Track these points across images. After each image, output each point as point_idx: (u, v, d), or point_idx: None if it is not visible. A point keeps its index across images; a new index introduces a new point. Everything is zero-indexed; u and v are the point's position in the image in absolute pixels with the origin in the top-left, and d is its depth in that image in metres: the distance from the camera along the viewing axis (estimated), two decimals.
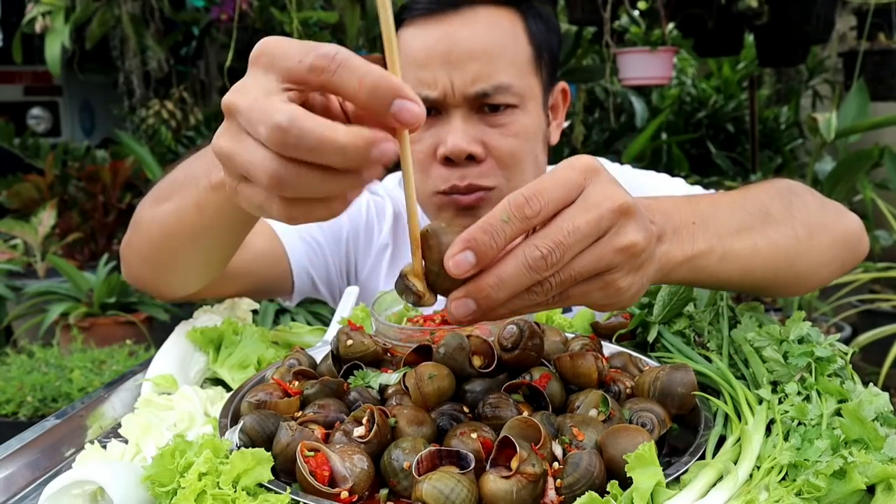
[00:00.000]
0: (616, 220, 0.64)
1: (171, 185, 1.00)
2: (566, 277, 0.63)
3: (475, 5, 1.21)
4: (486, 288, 0.61)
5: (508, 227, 0.61)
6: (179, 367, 0.97)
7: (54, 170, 5.25)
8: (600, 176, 0.66)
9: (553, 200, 0.63)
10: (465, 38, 1.19)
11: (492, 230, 0.61)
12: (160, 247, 1.02)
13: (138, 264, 1.10)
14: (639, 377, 0.80)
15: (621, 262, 0.65)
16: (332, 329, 1.08)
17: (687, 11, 3.99)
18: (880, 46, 3.76)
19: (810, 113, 4.58)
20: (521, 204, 0.62)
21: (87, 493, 0.68)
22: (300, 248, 1.37)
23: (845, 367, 0.83)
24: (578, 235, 0.62)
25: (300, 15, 3.34)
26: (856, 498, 0.64)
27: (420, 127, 0.59)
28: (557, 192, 0.63)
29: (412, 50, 1.22)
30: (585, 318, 1.07)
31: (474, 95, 1.19)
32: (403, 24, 1.24)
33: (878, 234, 3.97)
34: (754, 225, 0.86)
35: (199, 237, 0.97)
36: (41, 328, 4.01)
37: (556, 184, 0.64)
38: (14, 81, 7.84)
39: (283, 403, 0.76)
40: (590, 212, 0.63)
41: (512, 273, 0.61)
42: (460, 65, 1.17)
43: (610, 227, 0.64)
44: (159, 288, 1.13)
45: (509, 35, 1.22)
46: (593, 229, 0.63)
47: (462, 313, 0.62)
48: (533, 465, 0.61)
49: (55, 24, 3.57)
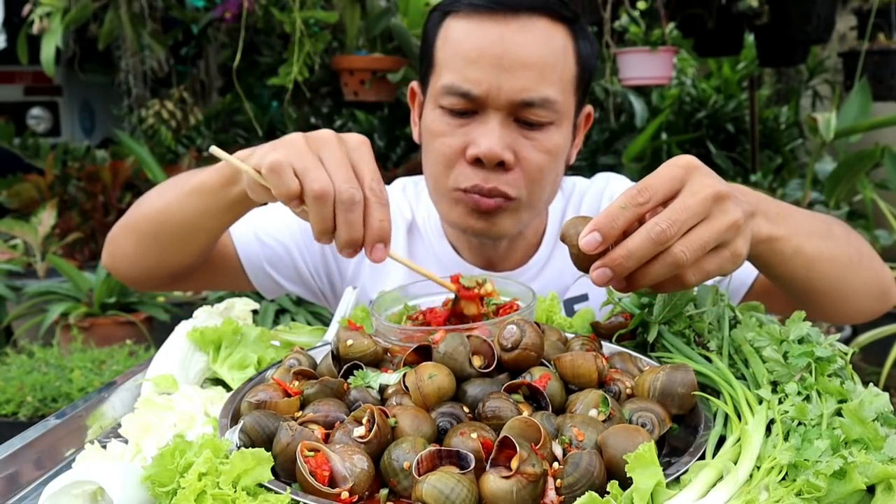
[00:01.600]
0: (717, 202, 0.79)
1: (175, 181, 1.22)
2: (696, 247, 0.78)
3: (533, 14, 1.19)
4: (617, 258, 0.78)
5: (625, 212, 0.78)
6: (179, 367, 0.97)
7: (54, 170, 5.25)
8: (699, 170, 0.82)
9: (661, 191, 0.79)
10: (521, 44, 1.17)
11: (612, 215, 0.78)
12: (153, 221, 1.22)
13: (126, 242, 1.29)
14: (639, 377, 0.80)
15: (733, 235, 0.81)
16: (332, 329, 1.08)
17: (687, 11, 3.99)
18: (880, 46, 3.76)
19: (810, 113, 4.58)
20: (634, 195, 0.78)
21: (87, 493, 0.68)
22: (255, 248, 1.38)
23: (845, 367, 0.83)
24: (689, 213, 0.78)
25: (301, 14, 3.34)
26: (856, 498, 0.64)
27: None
28: (664, 185, 0.80)
29: (463, 44, 1.19)
30: (585, 318, 1.07)
31: (519, 103, 1.17)
32: (453, 14, 1.22)
33: (878, 233, 3.97)
34: (822, 234, 1.01)
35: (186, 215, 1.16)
36: (41, 328, 4.01)
37: (662, 178, 0.80)
38: (14, 81, 7.84)
39: (283, 403, 0.76)
40: (696, 196, 0.79)
41: (638, 245, 0.77)
42: (511, 70, 1.16)
43: (713, 208, 0.79)
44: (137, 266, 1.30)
45: (561, 51, 1.20)
46: (701, 208, 0.78)
47: (601, 280, 0.79)
48: (533, 465, 0.61)
49: (51, 26, 3.57)
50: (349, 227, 0.89)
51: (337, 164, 0.90)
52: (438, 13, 1.25)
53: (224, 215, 1.15)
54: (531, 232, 1.39)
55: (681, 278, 0.81)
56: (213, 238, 1.24)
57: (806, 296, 1.07)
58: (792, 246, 0.94)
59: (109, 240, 1.33)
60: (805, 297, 1.08)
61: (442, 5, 1.25)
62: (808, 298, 1.08)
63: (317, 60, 3.48)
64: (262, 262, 1.38)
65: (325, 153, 0.91)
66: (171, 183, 1.25)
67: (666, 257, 0.78)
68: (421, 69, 1.30)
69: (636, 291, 0.87)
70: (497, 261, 1.36)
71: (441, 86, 1.20)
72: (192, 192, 1.15)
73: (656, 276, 0.79)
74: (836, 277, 1.04)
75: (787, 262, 0.96)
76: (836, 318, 1.22)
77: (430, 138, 1.24)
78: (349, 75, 3.67)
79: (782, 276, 1.00)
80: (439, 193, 1.27)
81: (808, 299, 1.08)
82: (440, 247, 1.38)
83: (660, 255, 0.78)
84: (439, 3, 1.27)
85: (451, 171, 1.23)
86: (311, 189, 0.88)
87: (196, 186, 1.14)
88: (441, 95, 1.20)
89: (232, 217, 1.16)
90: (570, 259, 0.85)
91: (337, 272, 1.44)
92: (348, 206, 0.88)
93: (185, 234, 1.21)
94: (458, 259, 1.37)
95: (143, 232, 1.25)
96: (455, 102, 1.19)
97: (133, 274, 1.33)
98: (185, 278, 1.34)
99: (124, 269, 1.33)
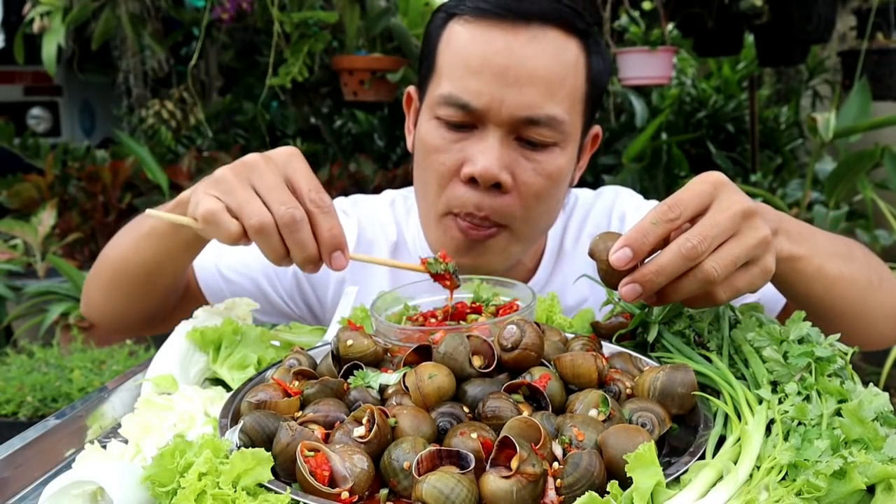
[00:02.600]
0: (747, 218, 0.80)
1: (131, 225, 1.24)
2: (727, 262, 0.78)
3: (546, 25, 1.10)
4: (648, 274, 0.78)
5: (656, 228, 0.78)
6: (179, 367, 0.97)
7: (54, 170, 5.24)
8: (728, 187, 0.82)
9: (691, 206, 0.80)
10: (528, 57, 1.08)
11: (643, 231, 0.78)
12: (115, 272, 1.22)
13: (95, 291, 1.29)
14: (639, 377, 0.80)
15: (762, 251, 0.81)
16: (332, 329, 1.08)
17: (687, 11, 3.99)
18: (879, 46, 3.76)
19: (810, 113, 4.58)
20: (664, 211, 0.79)
21: (87, 493, 0.68)
22: (220, 286, 1.33)
23: (845, 367, 0.83)
24: (719, 229, 0.78)
25: (300, 15, 3.34)
26: (856, 498, 0.64)
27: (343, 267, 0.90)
28: (694, 201, 0.80)
29: (466, 51, 1.11)
30: (585, 318, 1.07)
31: (522, 120, 1.09)
32: (458, 16, 1.13)
33: (878, 233, 3.97)
34: (843, 255, 1.01)
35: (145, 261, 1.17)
36: (41, 328, 4.01)
37: (692, 194, 0.80)
38: (14, 81, 7.83)
39: (283, 403, 0.76)
40: (725, 212, 0.79)
41: (669, 260, 0.77)
42: (517, 84, 1.07)
43: (742, 225, 0.80)
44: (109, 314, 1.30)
45: (572, 66, 1.11)
46: (730, 224, 0.79)
47: (631, 296, 0.79)
48: (533, 465, 0.61)
49: (52, 25, 3.57)
50: (300, 247, 0.88)
51: (269, 187, 0.89)
52: (442, 14, 1.17)
53: (182, 256, 1.14)
54: (528, 256, 1.32)
55: (711, 295, 0.81)
56: (177, 278, 1.24)
57: (825, 318, 1.03)
58: (814, 265, 0.94)
59: (84, 289, 1.33)
60: (824, 320, 1.03)
61: (446, 6, 1.17)
62: (828, 321, 1.03)
63: (317, 60, 3.48)
64: (227, 297, 1.30)
65: (255, 180, 0.90)
66: (128, 228, 1.25)
67: (697, 273, 0.78)
68: (420, 73, 1.22)
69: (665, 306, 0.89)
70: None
71: (439, 95, 1.12)
72: (147, 237, 1.14)
73: (687, 293, 0.80)
74: (855, 300, 1.03)
75: (808, 281, 0.96)
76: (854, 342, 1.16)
77: (425, 152, 1.16)
78: (349, 75, 3.68)
79: (803, 296, 1.00)
80: (429, 217, 1.20)
81: (828, 322, 1.03)
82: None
83: (690, 271, 0.78)
84: (443, 4, 1.18)
85: (443, 192, 1.15)
86: (251, 226, 0.87)
87: (149, 231, 1.13)
88: (439, 105, 1.12)
89: (191, 256, 1.15)
90: (599, 275, 0.85)
91: (314, 297, 1.37)
92: (292, 228, 0.87)
93: (146, 278, 1.20)
94: None
95: (107, 280, 1.25)
96: (453, 114, 1.11)
97: (107, 321, 1.33)
98: (161, 321, 1.32)
99: (98, 317, 1.33)
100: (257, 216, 0.87)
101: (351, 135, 6.06)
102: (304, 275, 1.35)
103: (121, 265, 1.21)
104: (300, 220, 0.87)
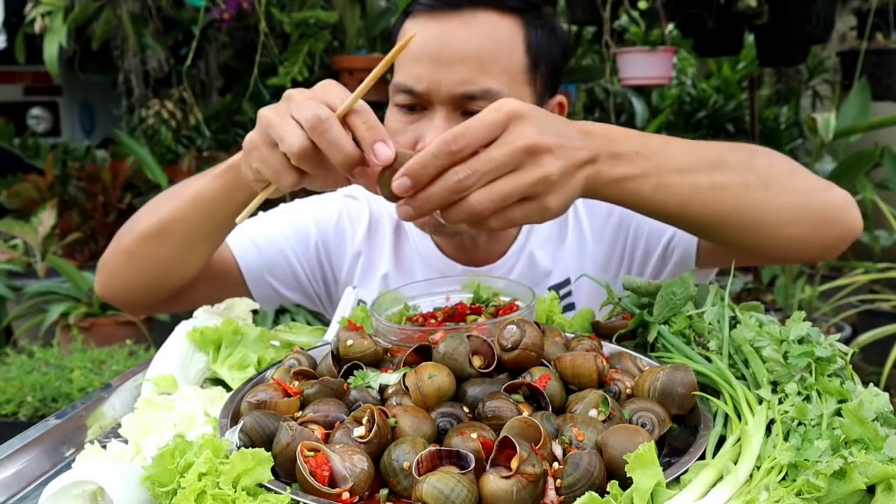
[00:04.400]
0: (531, 154, 0.79)
1: (167, 193, 1.24)
2: (495, 197, 0.79)
3: (476, 8, 1.21)
4: (417, 200, 0.80)
5: (437, 160, 0.78)
6: (179, 367, 0.97)
7: (54, 170, 5.24)
8: (521, 119, 0.80)
9: (476, 139, 0.79)
10: (459, 40, 1.19)
11: (424, 163, 0.78)
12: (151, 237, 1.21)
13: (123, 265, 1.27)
14: (639, 377, 0.80)
15: (543, 189, 0.81)
16: (332, 329, 1.08)
17: (687, 11, 3.99)
18: (878, 46, 3.76)
19: (810, 113, 4.58)
20: (448, 142, 0.78)
21: (87, 493, 0.68)
22: (255, 257, 1.37)
23: (845, 368, 0.84)
24: (492, 164, 0.78)
25: (300, 15, 3.34)
26: (856, 498, 0.64)
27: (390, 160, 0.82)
28: (481, 133, 0.79)
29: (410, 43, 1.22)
30: (585, 318, 1.07)
31: (460, 96, 1.18)
32: (411, 16, 1.26)
33: (878, 233, 3.97)
34: (701, 168, 0.95)
35: (189, 227, 1.17)
36: (41, 328, 4.01)
37: (479, 125, 0.79)
38: (14, 81, 7.82)
39: (283, 403, 0.76)
40: (505, 147, 0.79)
41: (434, 191, 0.79)
42: (450, 65, 1.18)
43: (525, 160, 0.79)
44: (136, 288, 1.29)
45: (505, 42, 1.21)
46: (508, 160, 0.79)
47: (404, 215, 0.82)
48: (533, 465, 0.61)
49: (54, 25, 3.57)
50: (334, 147, 0.84)
51: (299, 106, 0.87)
52: (402, 16, 1.29)
53: (230, 221, 1.12)
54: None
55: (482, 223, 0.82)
56: (216, 246, 1.24)
57: (697, 230, 1.04)
58: (652, 183, 0.90)
59: (102, 266, 1.30)
60: (698, 232, 1.06)
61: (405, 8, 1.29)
62: (708, 234, 1.05)
63: (317, 60, 3.48)
64: (261, 270, 1.37)
65: (293, 110, 0.88)
66: (165, 197, 1.25)
67: (463, 205, 0.80)
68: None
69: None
70: (479, 256, 1.37)
71: (392, 84, 1.24)
72: (194, 202, 1.15)
73: (455, 220, 0.81)
74: (726, 208, 0.97)
75: (649, 200, 0.91)
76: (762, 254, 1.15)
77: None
78: (349, 75, 3.68)
79: (652, 213, 0.96)
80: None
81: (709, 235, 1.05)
82: (423, 245, 1.39)
83: (457, 202, 0.80)
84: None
85: None
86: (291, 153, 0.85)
87: (195, 196, 1.14)
88: (394, 94, 1.24)
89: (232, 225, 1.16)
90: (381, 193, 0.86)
91: (331, 275, 1.45)
92: (319, 129, 0.83)
93: (188, 245, 1.20)
94: (441, 256, 1.37)
95: (142, 251, 1.24)
96: (403, 99, 1.22)
97: (131, 297, 1.32)
98: (184, 295, 1.32)
99: (122, 293, 1.32)
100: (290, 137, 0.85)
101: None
102: (324, 251, 1.43)
103: (162, 233, 1.20)
104: (326, 118, 0.83)
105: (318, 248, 1.43)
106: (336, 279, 1.45)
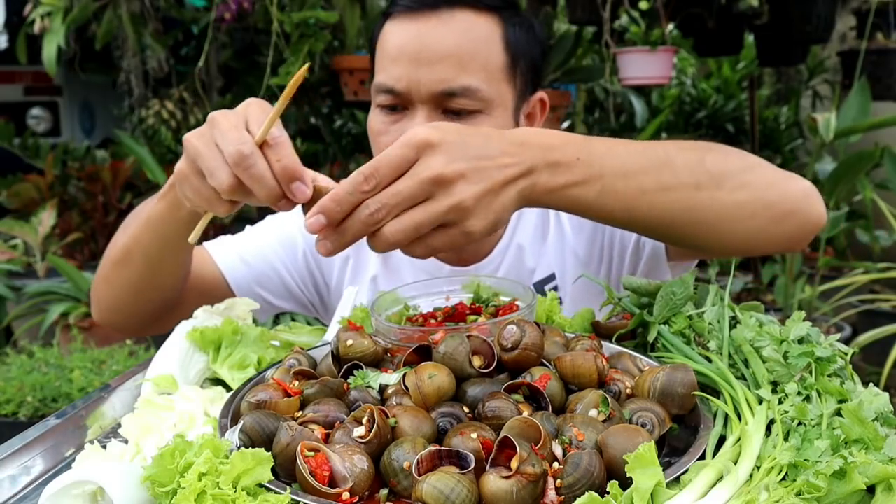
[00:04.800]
0: (440, 184, 0.80)
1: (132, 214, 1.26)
2: (407, 228, 0.81)
3: (453, 8, 1.23)
4: (335, 233, 0.82)
5: (351, 197, 0.80)
6: (179, 367, 0.97)
7: (54, 170, 5.24)
8: (432, 149, 0.81)
9: (386, 177, 0.80)
10: (437, 39, 1.21)
11: (338, 200, 0.80)
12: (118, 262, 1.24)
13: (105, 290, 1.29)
14: (639, 377, 0.80)
15: (458, 216, 0.81)
16: (332, 329, 1.08)
17: (687, 11, 3.99)
18: (878, 46, 3.76)
19: (810, 113, 4.58)
20: (360, 182, 0.80)
21: (87, 493, 0.68)
22: (243, 272, 1.38)
23: (845, 368, 0.83)
24: (400, 197, 0.80)
25: (300, 15, 3.34)
26: (856, 498, 0.64)
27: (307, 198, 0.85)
28: (391, 168, 0.81)
29: (388, 44, 1.25)
30: (585, 318, 1.07)
31: (440, 94, 1.20)
32: (390, 18, 1.28)
33: (878, 234, 3.97)
34: (648, 170, 0.93)
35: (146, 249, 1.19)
36: (41, 328, 4.00)
37: (389, 161, 0.81)
38: (14, 81, 7.82)
39: (283, 403, 0.76)
40: (412, 179, 0.80)
41: (350, 224, 0.81)
42: (429, 64, 1.20)
43: (435, 190, 0.80)
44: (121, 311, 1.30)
45: (483, 40, 1.23)
46: (416, 192, 0.80)
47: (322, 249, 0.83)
48: (533, 465, 0.61)
49: (53, 25, 3.57)
50: (257, 183, 0.85)
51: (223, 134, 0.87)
52: (382, 19, 1.31)
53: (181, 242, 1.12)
54: None
55: (407, 251, 0.84)
56: (182, 265, 1.25)
57: (655, 233, 1.03)
58: (595, 189, 0.89)
59: (92, 294, 1.33)
60: (656, 235, 1.05)
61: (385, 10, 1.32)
62: (660, 236, 1.04)
63: (317, 60, 3.47)
64: (251, 283, 1.38)
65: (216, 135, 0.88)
66: (130, 218, 1.26)
67: (379, 236, 0.82)
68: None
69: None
70: (466, 256, 1.37)
71: (374, 85, 1.26)
72: (147, 224, 1.16)
73: (379, 250, 0.83)
74: (676, 210, 0.95)
75: (595, 206, 0.90)
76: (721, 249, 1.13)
77: (372, 137, 1.29)
78: (349, 75, 3.67)
79: (599, 218, 0.96)
80: None
81: (662, 236, 1.06)
82: None
83: (375, 232, 0.82)
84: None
85: None
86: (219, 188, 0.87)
87: (147, 218, 1.16)
88: (376, 95, 1.26)
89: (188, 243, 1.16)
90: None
91: (322, 281, 1.46)
92: (242, 165, 0.84)
93: (151, 267, 1.22)
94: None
95: (112, 276, 1.27)
96: (384, 99, 1.24)
97: (120, 320, 1.33)
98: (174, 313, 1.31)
99: (110, 318, 1.33)
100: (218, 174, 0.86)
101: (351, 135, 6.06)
102: (313, 259, 1.44)
103: (124, 257, 1.23)
104: (249, 154, 0.84)
105: (307, 256, 1.44)
106: (328, 284, 1.46)
